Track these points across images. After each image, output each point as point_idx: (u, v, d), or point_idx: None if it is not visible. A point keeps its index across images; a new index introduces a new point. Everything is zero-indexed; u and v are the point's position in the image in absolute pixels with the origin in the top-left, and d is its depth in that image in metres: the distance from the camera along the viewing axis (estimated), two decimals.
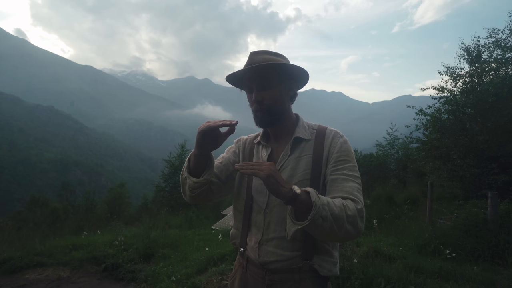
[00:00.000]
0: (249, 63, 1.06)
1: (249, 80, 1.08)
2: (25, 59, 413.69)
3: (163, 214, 10.91)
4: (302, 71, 1.10)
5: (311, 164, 1.06)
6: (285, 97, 1.11)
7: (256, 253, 1.07)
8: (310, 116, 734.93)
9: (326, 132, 1.11)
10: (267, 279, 1.04)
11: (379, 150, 16.97)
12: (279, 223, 1.04)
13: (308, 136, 1.11)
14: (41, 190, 58.42)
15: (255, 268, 1.09)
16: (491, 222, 3.83)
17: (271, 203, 1.07)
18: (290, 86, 1.12)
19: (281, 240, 1.03)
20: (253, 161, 1.19)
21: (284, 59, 1.10)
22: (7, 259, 3.69)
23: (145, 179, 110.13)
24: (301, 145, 1.10)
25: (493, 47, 8.64)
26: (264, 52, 1.09)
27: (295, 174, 1.06)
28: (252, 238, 1.11)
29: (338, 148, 1.06)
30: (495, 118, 7.39)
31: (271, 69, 1.05)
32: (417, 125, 9.29)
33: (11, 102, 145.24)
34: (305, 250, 1.02)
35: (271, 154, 1.15)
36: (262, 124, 1.10)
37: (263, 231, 1.08)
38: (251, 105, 1.11)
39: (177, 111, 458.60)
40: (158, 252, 4.34)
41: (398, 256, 3.32)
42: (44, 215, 16.76)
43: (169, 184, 18.59)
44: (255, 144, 1.22)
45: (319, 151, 1.07)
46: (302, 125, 1.14)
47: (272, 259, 1.04)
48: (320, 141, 1.09)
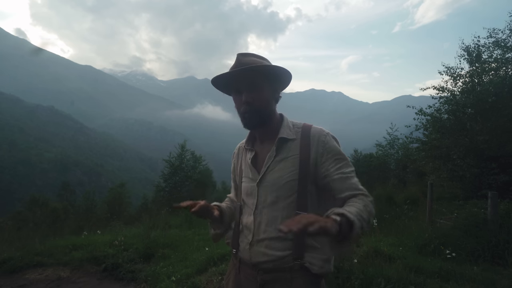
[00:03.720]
0: (237, 64, 1.08)
1: (237, 82, 1.09)
2: (25, 59, 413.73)
3: (163, 214, 10.90)
4: (286, 73, 1.12)
5: (298, 165, 1.07)
6: (272, 98, 1.13)
7: (248, 254, 1.09)
8: (310, 116, 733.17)
9: (311, 131, 1.11)
10: (259, 279, 1.06)
11: (379, 150, 16.97)
12: (269, 224, 1.06)
13: (293, 136, 1.11)
14: (41, 190, 58.34)
15: (248, 269, 1.11)
16: (491, 222, 3.83)
17: (260, 205, 1.09)
18: (276, 88, 1.14)
19: (271, 240, 1.05)
20: (243, 168, 1.21)
21: (268, 62, 1.13)
22: (7, 259, 3.69)
23: (145, 179, 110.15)
24: (287, 145, 1.11)
25: (493, 47, 8.64)
26: (251, 54, 1.12)
27: (283, 175, 1.07)
28: (244, 239, 1.13)
29: (328, 148, 1.07)
30: (495, 118, 7.39)
31: (260, 71, 1.07)
32: (417, 125, 9.29)
33: (11, 102, 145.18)
34: (295, 249, 1.03)
35: (255, 157, 1.16)
36: (250, 125, 1.12)
37: (253, 232, 1.09)
38: (238, 107, 1.12)
39: (177, 111, 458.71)
40: (158, 252, 4.33)
41: (398, 256, 3.32)
42: (44, 215, 16.75)
43: (169, 184, 18.58)
44: (244, 149, 1.24)
45: (306, 151, 1.08)
46: (286, 125, 1.15)
47: (263, 259, 1.05)
48: (306, 140, 1.09)
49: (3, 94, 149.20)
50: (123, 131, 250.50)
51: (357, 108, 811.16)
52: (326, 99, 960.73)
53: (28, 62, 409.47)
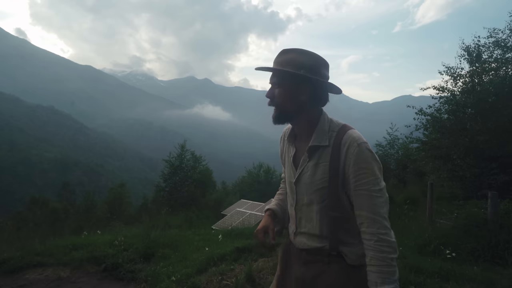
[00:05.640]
0: (274, 61, 1.16)
1: (271, 77, 1.18)
2: (25, 59, 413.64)
3: (163, 214, 10.91)
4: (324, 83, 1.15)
5: (328, 173, 1.10)
6: (294, 99, 1.14)
7: (293, 239, 1.26)
8: None
9: (343, 138, 1.10)
10: (302, 257, 1.21)
11: (379, 150, 16.95)
12: (308, 221, 1.18)
13: (325, 143, 1.12)
14: (41, 190, 58.28)
15: (295, 248, 1.26)
16: (491, 222, 3.83)
17: (300, 202, 1.20)
18: (302, 90, 1.12)
19: (310, 235, 1.18)
20: (286, 161, 1.29)
21: (309, 57, 1.12)
22: (7, 259, 3.68)
23: (145, 179, 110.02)
24: (319, 150, 1.14)
25: (494, 47, 8.62)
26: (292, 50, 1.14)
27: (314, 181, 1.13)
28: (291, 226, 1.29)
29: (354, 161, 1.06)
30: (495, 118, 7.38)
31: (279, 73, 1.14)
32: (417, 125, 9.27)
33: (11, 102, 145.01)
34: (331, 244, 1.14)
35: (296, 155, 1.23)
36: (273, 119, 1.18)
37: (296, 224, 1.24)
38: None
39: (177, 111, 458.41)
40: (158, 252, 4.33)
41: (398, 256, 3.32)
42: (44, 215, 16.75)
43: (169, 184, 18.57)
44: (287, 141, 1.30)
45: (335, 160, 1.09)
46: (321, 128, 1.15)
47: (304, 247, 1.20)
48: (337, 148, 1.10)
49: (3, 94, 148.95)
50: (123, 131, 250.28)
51: (357, 108, 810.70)
52: None
53: (28, 62, 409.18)
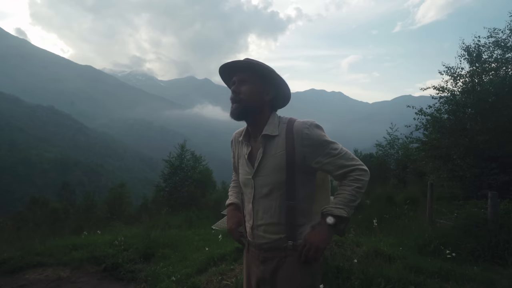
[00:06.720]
0: (239, 61, 1.25)
1: (234, 75, 1.27)
2: (25, 59, 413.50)
3: (163, 214, 10.92)
4: (277, 78, 1.23)
5: (285, 160, 1.19)
6: (259, 97, 1.24)
7: (251, 236, 1.30)
8: (310, 116, 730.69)
9: (294, 126, 1.20)
10: (261, 256, 1.27)
11: (379, 150, 16.96)
12: (265, 212, 1.23)
13: (276, 132, 1.22)
14: (41, 190, 58.29)
15: (253, 248, 1.31)
16: (491, 222, 3.83)
17: (257, 195, 1.25)
18: (268, 90, 1.25)
19: (267, 226, 1.23)
20: (240, 161, 1.35)
21: (270, 71, 1.23)
22: (7, 259, 3.69)
23: (145, 179, 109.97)
24: (274, 141, 1.21)
25: (494, 47, 8.62)
26: (255, 60, 1.26)
27: (273, 171, 1.20)
28: (247, 224, 1.32)
29: (313, 140, 1.18)
30: (495, 118, 7.38)
31: (251, 69, 1.23)
32: (417, 125, 9.27)
33: (11, 102, 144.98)
34: (288, 233, 1.21)
35: (251, 153, 1.29)
36: (232, 115, 1.25)
37: (253, 218, 1.27)
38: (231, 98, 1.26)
39: (177, 111, 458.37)
40: (158, 252, 4.33)
41: (398, 256, 3.32)
42: (44, 215, 16.77)
43: (169, 184, 18.58)
44: (240, 141, 1.37)
45: (291, 146, 1.19)
46: (272, 122, 1.25)
47: (263, 241, 1.25)
48: (290, 136, 1.19)
49: (3, 94, 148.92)
50: (123, 131, 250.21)
51: (357, 108, 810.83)
52: (326, 99, 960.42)
53: (28, 62, 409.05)
